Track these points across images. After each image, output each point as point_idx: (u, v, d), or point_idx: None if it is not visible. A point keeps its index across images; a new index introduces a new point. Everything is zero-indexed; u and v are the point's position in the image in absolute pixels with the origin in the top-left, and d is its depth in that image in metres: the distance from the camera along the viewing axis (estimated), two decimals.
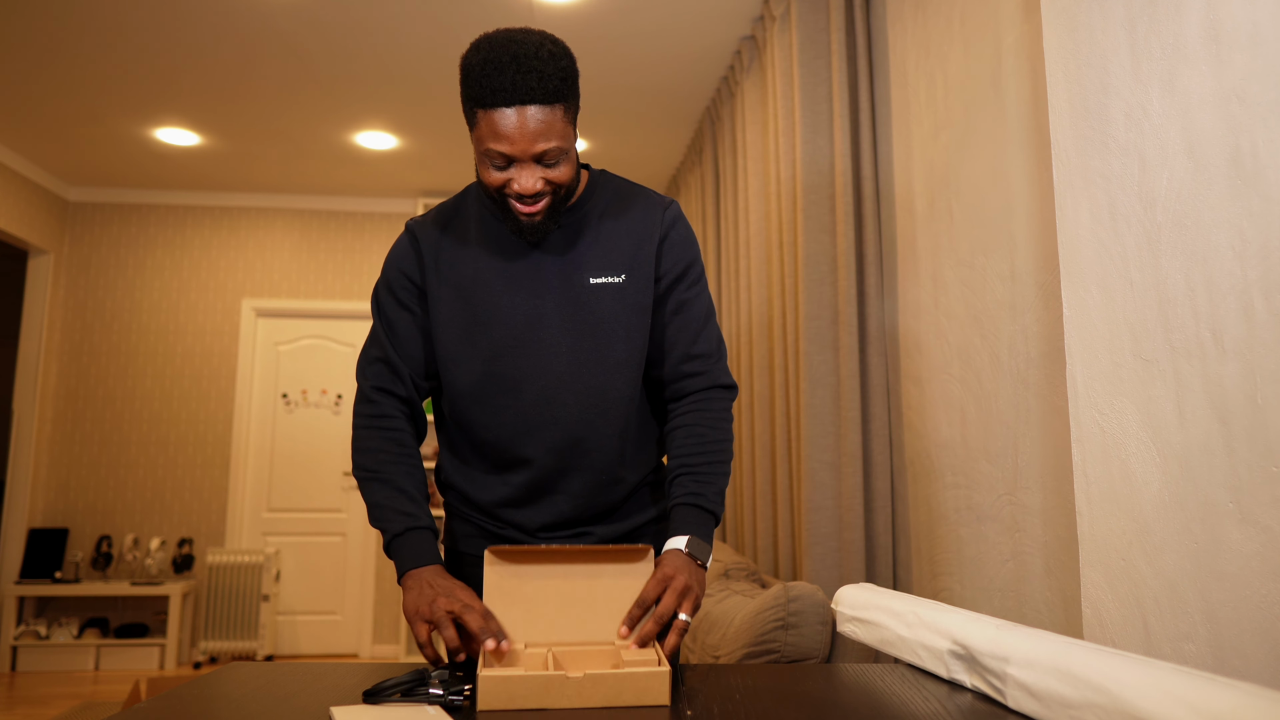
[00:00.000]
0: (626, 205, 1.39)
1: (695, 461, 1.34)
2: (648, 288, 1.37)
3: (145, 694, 3.46)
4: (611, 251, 1.35)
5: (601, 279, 1.34)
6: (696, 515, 1.29)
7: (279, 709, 1.03)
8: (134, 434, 5.43)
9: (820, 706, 1.03)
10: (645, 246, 1.37)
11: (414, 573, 1.24)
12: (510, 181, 1.24)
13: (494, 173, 1.24)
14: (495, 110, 1.19)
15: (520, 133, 1.20)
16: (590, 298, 1.34)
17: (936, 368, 2.13)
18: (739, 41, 3.45)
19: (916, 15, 2.26)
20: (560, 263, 1.34)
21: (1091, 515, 1.31)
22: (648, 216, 1.38)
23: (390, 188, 5.50)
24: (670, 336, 1.39)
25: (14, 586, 4.99)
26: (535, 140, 1.20)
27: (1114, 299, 1.27)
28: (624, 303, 1.35)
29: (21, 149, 4.85)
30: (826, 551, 2.41)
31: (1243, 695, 0.75)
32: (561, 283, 1.34)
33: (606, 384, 1.34)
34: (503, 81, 1.18)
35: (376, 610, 5.50)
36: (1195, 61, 1.13)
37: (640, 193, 1.42)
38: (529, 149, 1.21)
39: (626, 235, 1.37)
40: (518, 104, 1.18)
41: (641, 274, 1.36)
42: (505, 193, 1.25)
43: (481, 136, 1.22)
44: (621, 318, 1.34)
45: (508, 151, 1.21)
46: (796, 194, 2.60)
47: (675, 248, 1.40)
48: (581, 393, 1.33)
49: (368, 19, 3.35)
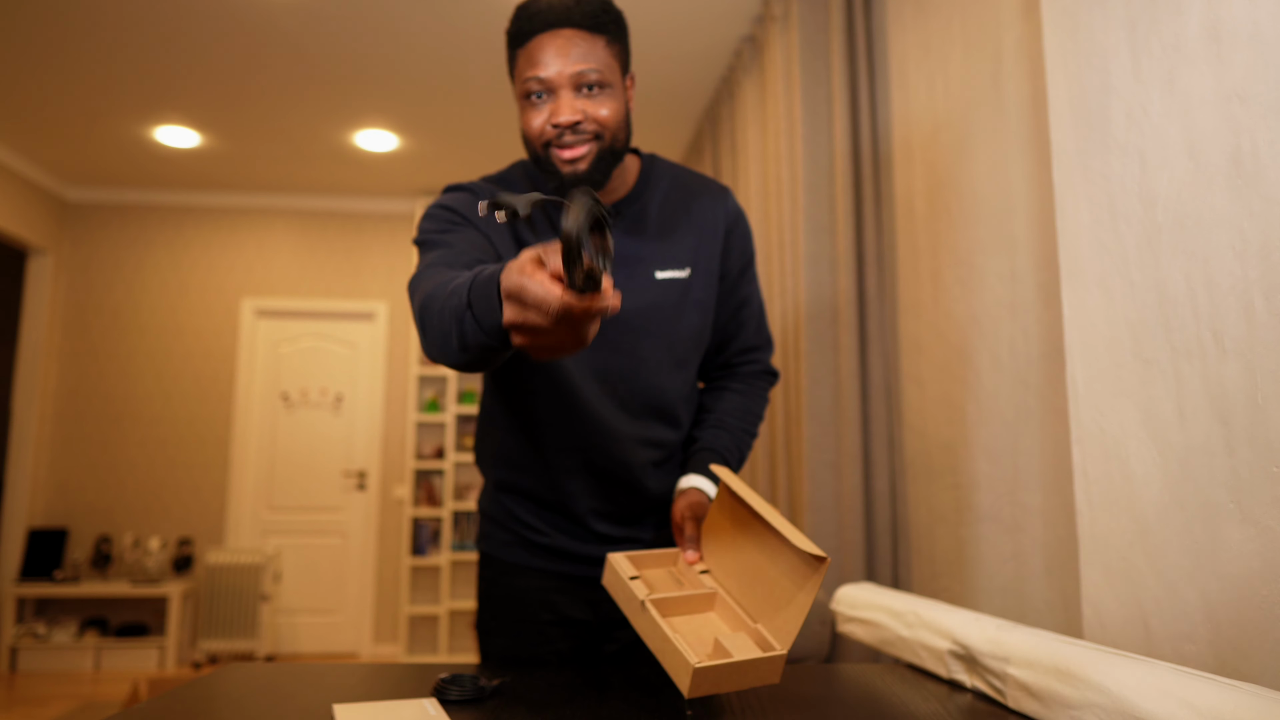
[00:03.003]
0: (687, 195, 1.34)
1: (733, 423, 1.36)
2: (712, 283, 1.34)
3: (145, 694, 3.46)
4: (676, 245, 1.31)
5: (668, 274, 1.29)
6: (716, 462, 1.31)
7: (279, 709, 1.03)
8: (134, 434, 5.43)
9: (820, 706, 1.03)
10: (710, 242, 1.33)
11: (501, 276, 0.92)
12: (550, 117, 1.16)
13: (534, 113, 1.16)
14: (533, 38, 1.14)
15: (557, 54, 1.13)
16: (655, 293, 1.29)
17: (936, 368, 2.13)
18: (739, 41, 3.45)
19: (916, 15, 2.26)
20: (624, 256, 1.28)
21: (1091, 515, 1.31)
22: (711, 208, 1.34)
23: (390, 188, 5.50)
24: (731, 330, 1.40)
25: (13, 586, 4.99)
26: (571, 62, 1.13)
27: (1114, 299, 1.27)
28: (689, 298, 1.31)
29: (21, 149, 4.85)
30: (826, 551, 2.41)
31: (1243, 695, 0.75)
32: (626, 276, 1.27)
33: (666, 384, 1.32)
34: (539, 7, 1.14)
35: (376, 610, 5.49)
36: (1195, 61, 1.13)
37: (698, 181, 1.37)
38: (565, 69, 1.13)
39: (690, 228, 1.32)
40: (555, 27, 1.14)
41: (706, 268, 1.32)
42: (547, 141, 1.17)
43: (519, 71, 1.16)
44: (684, 315, 1.31)
45: (544, 75, 1.14)
46: (796, 194, 2.60)
47: (740, 241, 1.37)
48: (641, 391, 1.30)
49: (369, 18, 3.35)
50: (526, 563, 1.36)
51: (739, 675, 0.93)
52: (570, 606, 1.34)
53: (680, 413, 1.36)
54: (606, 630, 1.36)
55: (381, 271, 5.72)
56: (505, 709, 1.01)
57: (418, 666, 1.25)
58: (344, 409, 5.63)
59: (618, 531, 1.35)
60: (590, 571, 1.34)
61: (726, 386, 1.41)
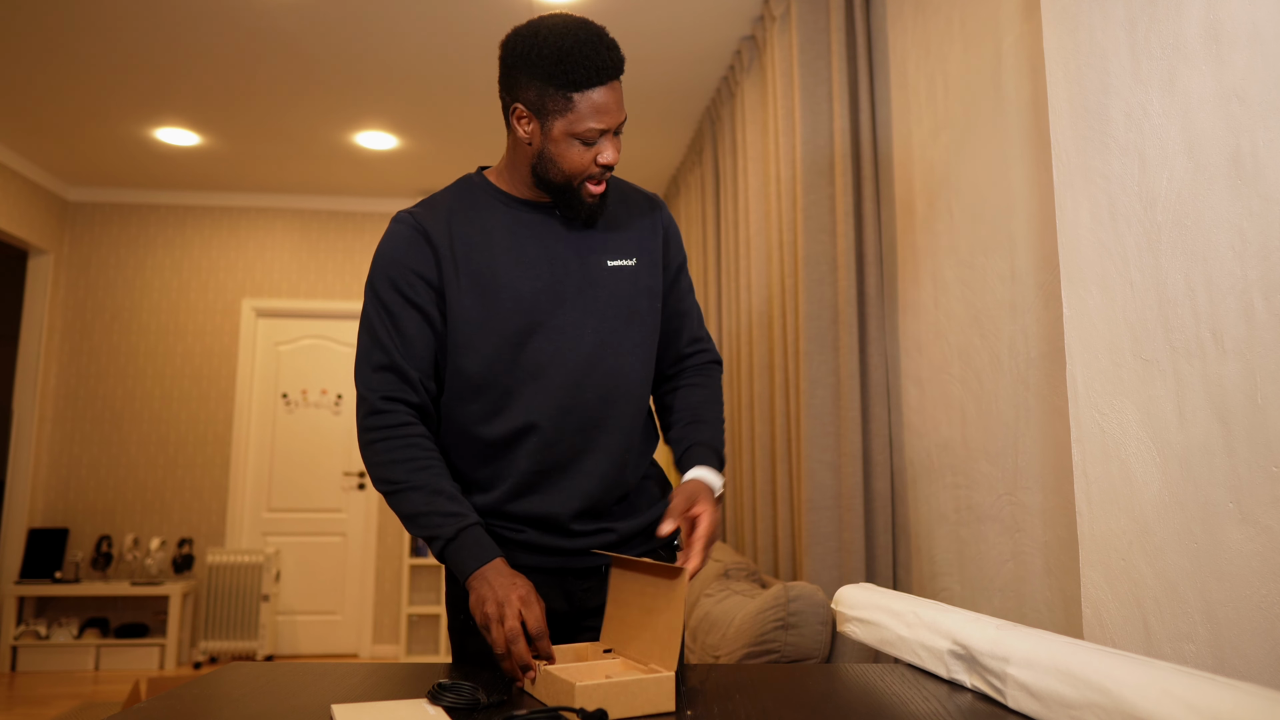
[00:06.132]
0: (624, 195, 1.46)
1: (706, 414, 1.45)
2: (656, 273, 1.43)
3: (145, 694, 3.47)
4: (620, 236, 1.41)
5: (617, 262, 1.38)
6: (713, 457, 1.39)
7: (279, 709, 1.03)
8: (134, 434, 5.43)
9: (820, 706, 1.03)
10: (650, 238, 1.44)
11: (478, 573, 1.21)
12: (597, 155, 1.29)
13: (581, 152, 1.28)
14: (594, 89, 1.25)
15: (615, 104, 1.27)
16: (609, 279, 1.37)
17: (936, 368, 2.13)
18: (739, 41, 3.45)
19: (916, 15, 2.26)
20: (576, 248, 1.37)
21: (1091, 515, 1.31)
22: (647, 209, 1.47)
23: (390, 188, 5.50)
24: (678, 324, 1.50)
25: (14, 586, 4.99)
26: (621, 110, 1.29)
27: (1114, 299, 1.27)
28: (637, 286, 1.39)
29: (21, 149, 4.85)
30: (826, 551, 2.41)
31: (1243, 695, 0.75)
32: (579, 266, 1.36)
33: (628, 366, 1.38)
34: (600, 60, 1.24)
35: (376, 610, 5.50)
36: (1195, 61, 1.13)
37: (630, 186, 1.49)
38: (617, 119, 1.28)
39: (632, 223, 1.43)
40: (610, 80, 1.26)
41: (650, 260, 1.42)
42: (586, 174, 1.30)
43: (579, 117, 1.26)
44: (636, 300, 1.39)
45: (607, 126, 1.27)
46: (796, 194, 2.60)
47: (674, 242, 1.50)
48: (605, 375, 1.35)
49: (368, 19, 3.35)
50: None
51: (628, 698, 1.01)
52: (546, 599, 1.35)
53: (641, 398, 1.41)
54: (581, 620, 1.39)
55: None
56: (501, 712, 1.01)
57: (417, 666, 1.25)
58: (344, 409, 5.63)
59: (590, 525, 1.37)
60: (565, 563, 1.37)
61: (686, 383, 1.50)
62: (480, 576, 1.20)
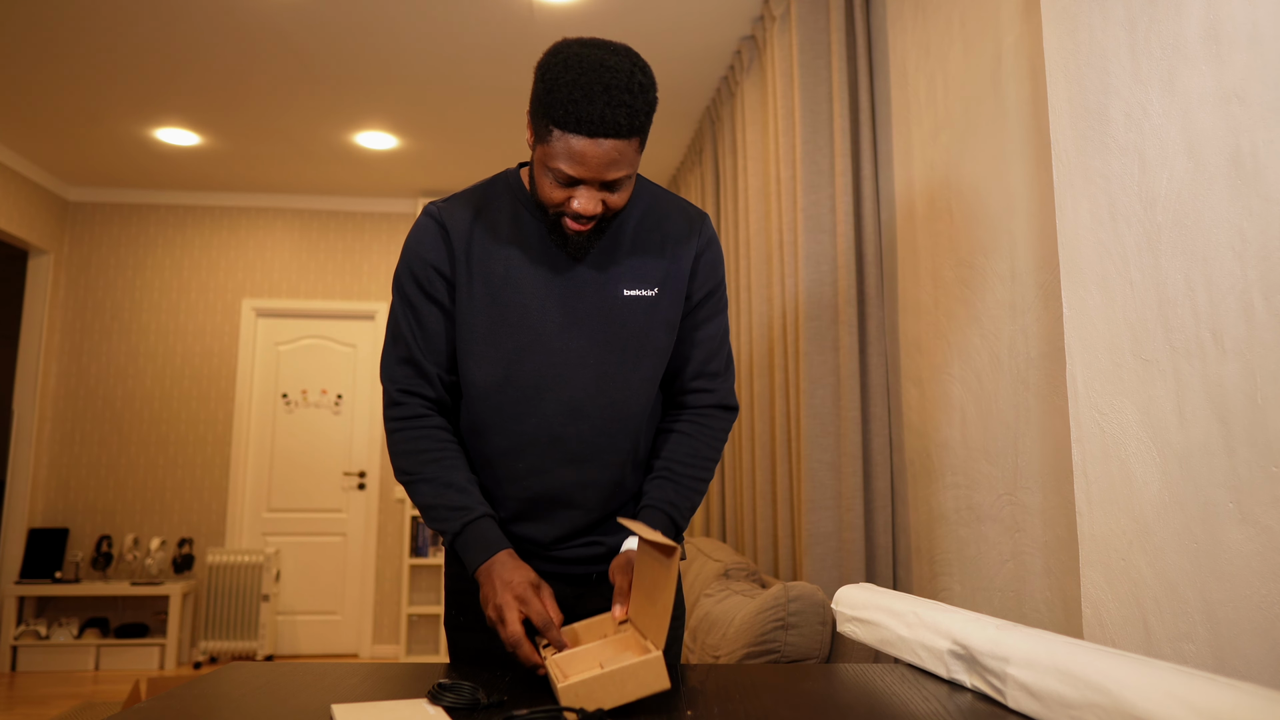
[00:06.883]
0: (662, 216, 1.35)
1: (680, 470, 1.35)
2: (678, 304, 1.34)
3: (145, 694, 3.47)
4: (646, 263, 1.32)
5: (635, 291, 1.31)
6: (666, 525, 1.30)
7: (279, 709, 1.03)
8: (134, 434, 5.43)
9: (820, 706, 1.03)
10: (679, 263, 1.34)
11: (483, 568, 1.21)
12: (570, 200, 1.20)
13: (554, 189, 1.20)
14: (575, 136, 1.14)
15: (597, 161, 1.15)
16: (622, 310, 1.30)
17: (936, 368, 2.13)
18: (739, 41, 3.45)
19: (916, 15, 2.26)
20: (594, 271, 1.30)
21: (1091, 515, 1.31)
22: (683, 231, 1.35)
23: (390, 188, 5.50)
24: (687, 353, 1.39)
25: (14, 586, 4.99)
26: (608, 169, 1.17)
27: (1114, 299, 1.27)
28: (654, 318, 1.32)
29: (21, 149, 4.85)
30: (826, 551, 2.41)
31: (1243, 695, 0.75)
32: (595, 291, 1.30)
33: (629, 399, 1.32)
34: (591, 113, 1.12)
35: (376, 610, 5.50)
36: (1195, 61, 1.13)
37: (674, 204, 1.38)
38: (600, 175, 1.17)
39: (661, 248, 1.33)
40: (601, 135, 1.14)
41: (673, 289, 1.33)
42: (560, 212, 1.22)
43: (553, 154, 1.16)
44: (650, 333, 1.32)
45: (579, 175, 1.17)
46: (796, 194, 2.60)
47: (707, 268, 1.38)
48: (605, 406, 1.31)
49: (368, 19, 3.35)
50: None
51: (618, 686, 0.99)
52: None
53: (644, 427, 1.36)
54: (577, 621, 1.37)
55: (381, 271, 5.72)
56: (501, 712, 1.01)
57: (417, 666, 1.25)
58: (344, 409, 5.63)
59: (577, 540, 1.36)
60: (561, 570, 1.36)
61: (674, 428, 1.39)
62: (484, 572, 1.21)
